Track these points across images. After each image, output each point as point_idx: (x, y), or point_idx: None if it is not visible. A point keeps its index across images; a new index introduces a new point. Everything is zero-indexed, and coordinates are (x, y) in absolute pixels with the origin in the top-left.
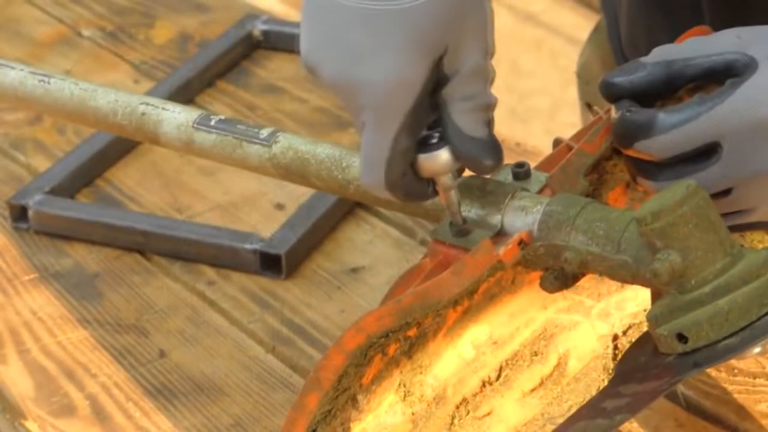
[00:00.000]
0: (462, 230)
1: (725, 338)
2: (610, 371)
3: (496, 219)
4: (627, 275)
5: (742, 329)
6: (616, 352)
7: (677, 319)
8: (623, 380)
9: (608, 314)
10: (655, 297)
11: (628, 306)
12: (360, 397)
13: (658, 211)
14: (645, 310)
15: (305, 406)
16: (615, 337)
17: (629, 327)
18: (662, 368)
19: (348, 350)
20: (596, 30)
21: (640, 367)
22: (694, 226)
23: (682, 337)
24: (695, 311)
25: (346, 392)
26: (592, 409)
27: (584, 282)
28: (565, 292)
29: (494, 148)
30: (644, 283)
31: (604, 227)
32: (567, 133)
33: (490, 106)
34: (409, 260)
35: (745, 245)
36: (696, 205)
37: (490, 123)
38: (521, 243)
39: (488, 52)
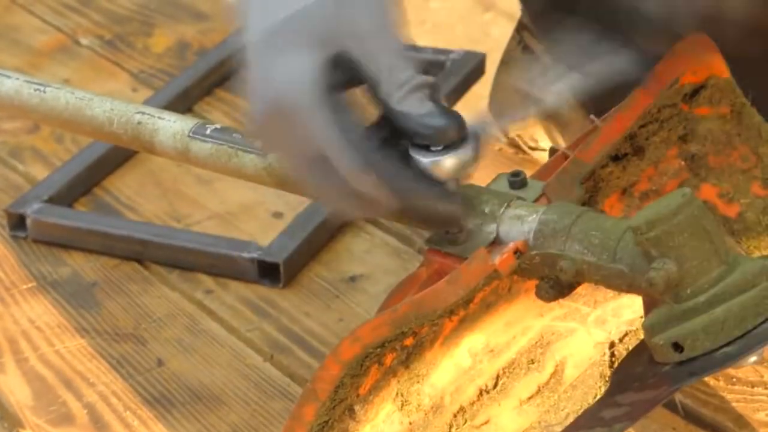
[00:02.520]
0: (457, 239)
1: (722, 347)
2: (607, 378)
3: (491, 228)
4: (623, 284)
5: (739, 338)
6: (613, 359)
7: (673, 328)
8: (620, 389)
9: (605, 321)
10: (649, 307)
11: (625, 313)
12: (357, 408)
13: (653, 220)
14: (641, 318)
15: (302, 417)
16: (611, 345)
17: (626, 334)
18: (659, 377)
19: (344, 360)
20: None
21: (637, 376)
22: (689, 235)
23: (677, 347)
24: (691, 320)
25: (342, 403)
26: (589, 418)
27: (581, 289)
28: (561, 299)
29: (446, 114)
30: (640, 292)
31: (600, 236)
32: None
33: (425, 84)
34: (407, 269)
35: (741, 252)
36: (691, 213)
37: (434, 98)
38: (517, 252)
39: (399, 44)
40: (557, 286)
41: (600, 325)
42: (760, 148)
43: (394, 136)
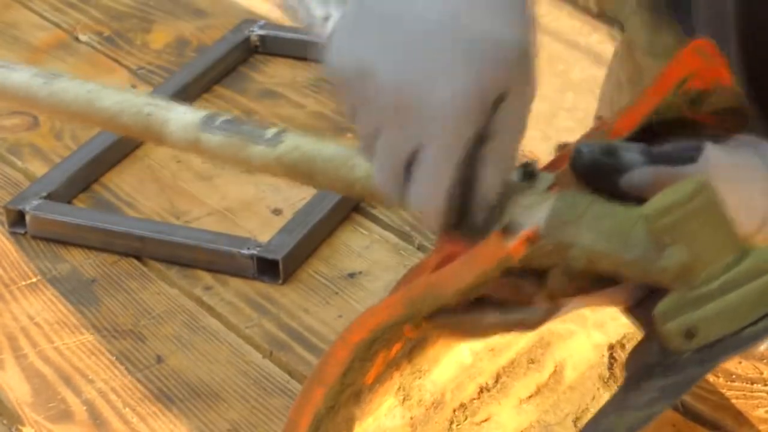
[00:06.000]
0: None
1: (736, 332)
2: (606, 380)
3: (503, 217)
4: (635, 272)
5: (753, 323)
6: (612, 361)
7: (685, 314)
8: (641, 378)
9: (604, 324)
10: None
11: (623, 317)
12: (362, 397)
13: (666, 207)
14: None
15: (311, 399)
16: (610, 347)
17: (624, 337)
18: (680, 363)
19: (355, 341)
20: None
21: (655, 365)
22: (702, 223)
23: (689, 334)
24: (704, 307)
25: (350, 388)
26: (616, 406)
27: None
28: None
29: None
30: (652, 280)
31: (612, 224)
32: (565, 138)
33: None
34: (406, 265)
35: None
36: (704, 201)
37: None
38: (528, 240)
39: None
40: (569, 275)
41: (599, 328)
42: None
43: None
